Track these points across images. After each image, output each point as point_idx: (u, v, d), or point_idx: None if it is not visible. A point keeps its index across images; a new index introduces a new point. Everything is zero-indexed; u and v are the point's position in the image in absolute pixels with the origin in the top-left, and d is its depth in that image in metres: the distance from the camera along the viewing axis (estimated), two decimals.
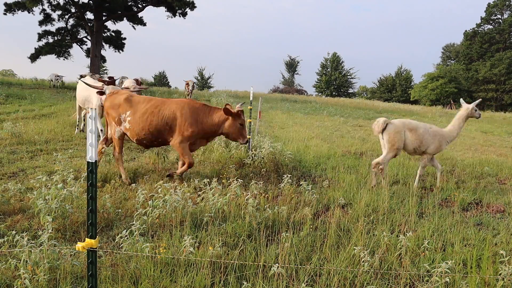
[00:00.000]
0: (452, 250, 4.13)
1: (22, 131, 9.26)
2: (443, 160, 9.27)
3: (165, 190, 4.76)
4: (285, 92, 53.37)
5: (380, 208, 5.27)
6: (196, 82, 65.59)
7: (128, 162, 7.51)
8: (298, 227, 4.54)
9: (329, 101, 36.88)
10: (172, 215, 4.43)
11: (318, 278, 3.43)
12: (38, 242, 3.39)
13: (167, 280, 3.28)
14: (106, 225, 4.51)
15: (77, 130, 10.46)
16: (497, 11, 57.66)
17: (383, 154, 6.54)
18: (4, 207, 4.75)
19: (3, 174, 6.34)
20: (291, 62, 75.92)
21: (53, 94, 21.63)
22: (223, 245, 3.92)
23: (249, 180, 6.39)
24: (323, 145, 10.30)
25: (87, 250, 2.55)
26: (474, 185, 6.90)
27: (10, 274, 3.26)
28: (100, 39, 32.05)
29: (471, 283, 3.25)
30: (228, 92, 32.41)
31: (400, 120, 6.71)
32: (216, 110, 6.32)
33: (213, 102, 21.42)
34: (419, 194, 6.18)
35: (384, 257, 3.88)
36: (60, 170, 5.77)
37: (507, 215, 5.51)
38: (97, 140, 2.45)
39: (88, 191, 2.50)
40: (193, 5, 32.09)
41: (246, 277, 3.42)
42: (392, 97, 61.73)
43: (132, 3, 32.88)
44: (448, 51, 70.54)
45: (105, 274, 3.30)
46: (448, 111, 35.23)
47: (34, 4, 28.99)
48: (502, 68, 51.50)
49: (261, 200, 5.21)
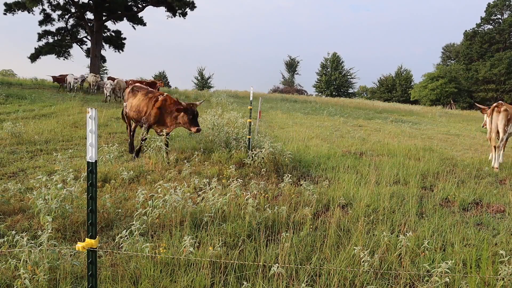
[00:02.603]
0: (452, 250, 4.13)
1: (22, 131, 9.26)
2: (443, 160, 9.28)
3: (165, 190, 4.76)
4: (285, 92, 53.39)
5: (380, 208, 5.27)
6: (196, 82, 65.72)
7: (128, 162, 7.51)
8: (298, 227, 4.54)
9: (329, 101, 36.88)
10: (172, 215, 4.43)
11: (318, 278, 3.43)
12: (38, 242, 3.39)
13: (167, 280, 3.28)
14: (106, 225, 4.51)
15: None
16: (497, 11, 57.66)
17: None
18: (4, 207, 4.75)
19: (3, 174, 6.34)
20: (291, 62, 75.91)
21: (53, 94, 21.61)
22: (223, 245, 3.92)
23: (249, 180, 6.40)
24: (323, 145, 10.30)
25: (87, 250, 2.55)
26: (474, 185, 6.90)
27: (10, 274, 3.26)
28: (100, 39, 32.06)
29: (471, 283, 3.25)
30: (228, 92, 32.42)
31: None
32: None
33: (213, 102, 21.43)
34: (419, 194, 6.19)
35: (384, 257, 3.88)
36: (60, 170, 5.77)
37: (507, 215, 5.51)
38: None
39: (88, 191, 2.50)
40: (193, 5, 32.11)
41: (246, 277, 3.42)
42: (392, 97, 61.76)
43: (132, 3, 32.89)
44: (448, 51, 70.53)
45: (105, 274, 3.31)
46: (448, 111, 35.24)
47: (34, 4, 29.01)
48: (502, 68, 51.50)
49: (261, 200, 5.21)
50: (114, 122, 12.55)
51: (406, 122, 20.54)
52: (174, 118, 7.61)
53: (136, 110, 8.00)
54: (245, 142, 8.22)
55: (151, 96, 7.92)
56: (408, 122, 20.64)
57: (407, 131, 16.00)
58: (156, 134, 8.00)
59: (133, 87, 8.54)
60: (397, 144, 11.21)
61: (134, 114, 8.11)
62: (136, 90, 8.40)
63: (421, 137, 14.27)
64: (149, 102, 7.84)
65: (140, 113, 7.91)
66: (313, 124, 15.98)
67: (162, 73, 69.29)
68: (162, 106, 7.68)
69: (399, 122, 20.36)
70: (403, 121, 21.10)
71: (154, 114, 7.70)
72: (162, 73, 69.29)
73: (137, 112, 7.99)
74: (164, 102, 7.70)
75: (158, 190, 4.74)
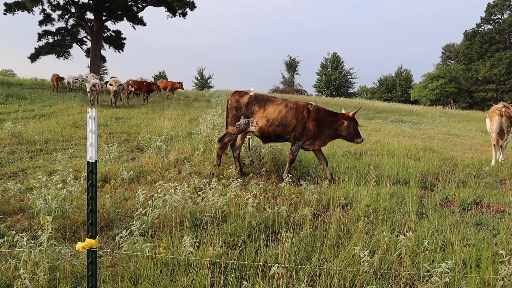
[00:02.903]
0: (452, 250, 4.13)
1: (22, 131, 9.26)
2: (443, 160, 9.28)
3: (165, 190, 4.76)
4: (285, 92, 53.37)
5: (380, 208, 5.27)
6: (196, 82, 65.71)
7: (128, 162, 7.51)
8: (298, 227, 4.54)
9: (329, 101, 36.82)
10: (172, 215, 4.43)
11: (318, 278, 3.43)
12: (38, 242, 3.39)
13: (167, 280, 3.28)
14: (106, 225, 4.51)
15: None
16: (497, 11, 57.64)
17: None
18: (4, 207, 4.75)
19: (3, 174, 6.34)
20: (291, 62, 75.89)
21: (53, 94, 21.62)
22: (223, 245, 3.92)
23: (249, 180, 6.40)
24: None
25: (87, 250, 2.56)
26: (474, 185, 6.90)
27: (10, 274, 3.26)
28: (100, 39, 32.05)
29: (471, 283, 3.25)
30: (228, 92, 32.35)
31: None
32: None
33: (213, 102, 21.44)
34: (419, 194, 6.19)
35: (384, 257, 3.88)
36: (60, 170, 5.77)
37: (507, 215, 5.51)
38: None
39: (88, 191, 2.50)
40: (193, 5, 32.11)
41: (246, 277, 3.42)
42: (392, 97, 61.72)
43: (132, 3, 32.89)
44: (448, 51, 70.52)
45: (105, 274, 3.31)
46: (448, 111, 35.24)
47: (34, 4, 29.00)
48: (502, 68, 51.50)
49: (261, 200, 5.21)
50: (114, 122, 12.55)
51: (406, 122, 20.55)
52: (334, 129, 6.81)
53: (278, 124, 6.72)
54: (245, 142, 8.22)
55: (295, 107, 6.77)
56: (408, 122, 20.64)
57: (407, 131, 16.00)
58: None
59: (254, 98, 6.95)
60: (397, 144, 11.21)
61: (274, 129, 6.78)
62: (261, 101, 6.93)
63: (421, 137, 14.27)
64: (297, 113, 6.70)
65: (287, 127, 6.72)
66: None
67: (162, 73, 69.22)
68: (318, 117, 6.77)
69: (399, 122, 20.36)
70: (403, 121, 21.11)
71: (312, 127, 6.70)
72: (162, 73, 69.22)
73: (281, 127, 6.73)
74: (318, 112, 6.78)
75: (158, 190, 4.74)
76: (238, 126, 6.97)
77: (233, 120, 7.02)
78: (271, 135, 6.90)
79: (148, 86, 20.22)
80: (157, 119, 12.87)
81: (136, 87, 19.91)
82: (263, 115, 6.81)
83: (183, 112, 16.53)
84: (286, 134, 6.82)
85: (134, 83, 19.99)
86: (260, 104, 6.87)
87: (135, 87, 19.92)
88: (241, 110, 6.94)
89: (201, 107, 18.89)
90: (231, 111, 7.07)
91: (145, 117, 14.03)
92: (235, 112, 7.02)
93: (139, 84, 20.08)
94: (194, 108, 18.75)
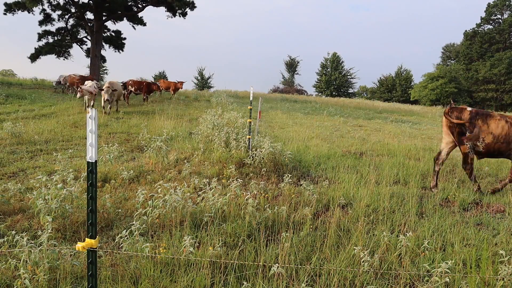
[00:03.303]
0: (452, 250, 4.13)
1: (22, 131, 9.26)
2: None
3: (165, 190, 4.76)
4: (285, 92, 53.36)
5: (380, 208, 5.27)
6: (196, 82, 65.70)
7: (128, 162, 7.51)
8: (298, 227, 4.54)
9: (329, 101, 36.85)
10: (172, 215, 4.43)
11: (318, 278, 3.43)
12: (38, 242, 3.39)
13: (167, 280, 3.28)
14: (106, 225, 4.51)
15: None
16: (497, 11, 57.66)
17: None
18: (4, 207, 4.75)
19: (3, 174, 6.34)
20: (291, 62, 75.88)
21: (53, 94, 21.62)
22: (223, 245, 3.92)
23: (249, 180, 6.40)
24: (323, 145, 10.30)
25: (87, 250, 2.55)
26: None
27: (10, 274, 3.26)
28: (100, 39, 32.05)
29: (471, 283, 3.25)
30: (228, 92, 32.38)
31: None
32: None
33: (213, 102, 21.43)
34: (419, 194, 6.19)
35: (384, 257, 3.88)
36: (60, 170, 5.77)
37: (507, 215, 5.51)
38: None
39: (88, 191, 2.49)
40: (193, 5, 32.10)
41: (246, 277, 3.42)
42: (392, 97, 61.74)
43: (132, 3, 32.88)
44: (448, 51, 70.54)
45: (105, 274, 3.31)
46: None
47: (34, 4, 28.99)
48: (502, 68, 51.52)
49: (261, 200, 5.21)
50: (114, 122, 12.55)
51: (406, 122, 20.54)
52: None
53: (504, 140, 6.80)
54: (245, 142, 8.22)
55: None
56: (408, 122, 20.64)
57: (407, 131, 16.00)
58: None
59: (475, 115, 6.92)
60: (397, 144, 11.21)
61: (501, 146, 6.85)
62: (482, 116, 6.96)
63: (421, 137, 14.27)
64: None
65: (510, 144, 6.82)
66: (313, 124, 15.97)
67: (162, 73, 69.19)
68: None
69: (399, 122, 20.36)
70: (403, 121, 21.11)
71: None
72: (162, 73, 69.19)
73: (506, 143, 6.83)
74: None
75: (158, 190, 4.74)
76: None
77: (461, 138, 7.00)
78: (495, 152, 6.98)
79: (148, 86, 20.22)
80: (157, 119, 12.87)
81: (136, 87, 19.91)
82: (488, 131, 6.87)
83: (183, 112, 16.54)
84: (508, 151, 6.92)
85: (134, 83, 19.99)
86: (483, 119, 6.95)
87: (135, 87, 19.92)
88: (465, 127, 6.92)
89: (201, 107, 18.90)
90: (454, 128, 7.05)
91: (145, 117, 14.03)
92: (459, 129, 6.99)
93: (139, 84, 20.08)
94: (194, 108, 18.75)
